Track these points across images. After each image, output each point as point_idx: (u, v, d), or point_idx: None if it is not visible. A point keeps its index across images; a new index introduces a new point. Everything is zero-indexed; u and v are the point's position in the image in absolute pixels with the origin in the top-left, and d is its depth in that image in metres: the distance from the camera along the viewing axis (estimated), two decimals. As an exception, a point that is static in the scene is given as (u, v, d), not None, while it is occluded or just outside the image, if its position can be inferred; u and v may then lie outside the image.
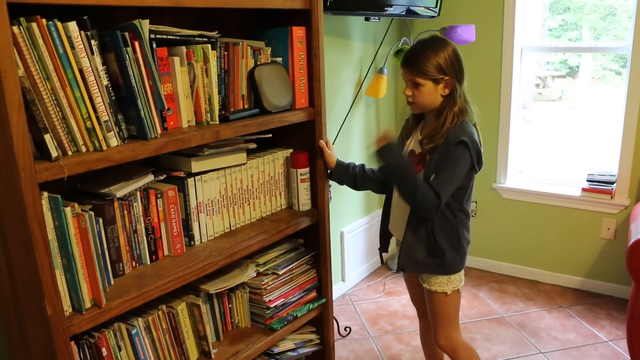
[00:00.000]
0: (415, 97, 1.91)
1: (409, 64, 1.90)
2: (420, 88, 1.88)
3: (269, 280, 2.06)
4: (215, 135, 1.72)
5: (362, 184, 2.15)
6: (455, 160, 1.85)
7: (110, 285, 1.58)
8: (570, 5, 4.29)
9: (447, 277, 2.01)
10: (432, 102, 1.90)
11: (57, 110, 1.36)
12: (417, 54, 1.89)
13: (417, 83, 1.88)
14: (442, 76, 1.86)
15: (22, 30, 1.27)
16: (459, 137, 1.84)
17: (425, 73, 1.86)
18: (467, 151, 1.84)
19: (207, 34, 1.76)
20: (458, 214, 1.96)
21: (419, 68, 1.87)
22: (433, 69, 1.85)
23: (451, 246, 1.97)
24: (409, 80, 1.91)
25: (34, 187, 1.29)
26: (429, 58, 1.86)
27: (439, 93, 1.89)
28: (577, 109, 5.96)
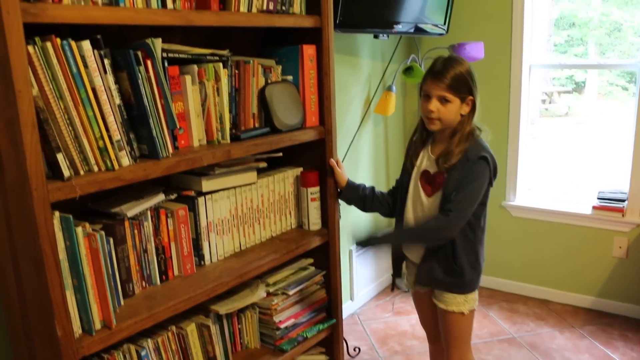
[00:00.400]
0: (441, 113, 1.87)
1: (440, 77, 1.85)
2: (448, 105, 1.86)
3: (279, 300, 2.04)
4: (226, 154, 1.71)
5: (371, 206, 2.14)
6: (476, 176, 1.85)
7: (120, 306, 1.57)
8: (576, 21, 4.30)
9: (464, 296, 1.98)
10: (454, 119, 1.89)
11: (69, 130, 1.35)
12: (450, 71, 1.85)
13: (446, 99, 1.85)
14: (468, 95, 1.87)
15: (37, 50, 1.27)
16: (479, 153, 1.84)
17: (456, 90, 1.85)
18: (488, 166, 1.85)
19: (218, 53, 1.76)
20: (477, 231, 1.95)
21: (452, 84, 1.84)
22: (464, 87, 1.86)
23: (470, 265, 1.95)
24: (437, 96, 1.86)
25: (46, 206, 1.28)
26: (463, 76, 1.85)
27: (459, 112, 1.89)
28: (584, 124, 5.95)
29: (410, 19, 2.98)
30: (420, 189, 1.98)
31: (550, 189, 3.68)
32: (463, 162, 1.85)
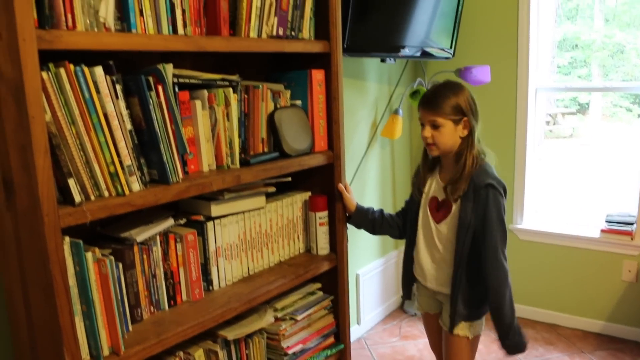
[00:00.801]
0: (436, 138, 1.89)
1: (429, 104, 1.89)
2: (441, 129, 1.87)
3: (287, 325, 2.02)
4: (236, 179, 1.71)
5: (381, 229, 2.14)
6: (493, 206, 1.84)
7: (128, 332, 1.55)
8: (579, 43, 4.32)
9: (469, 322, 1.97)
10: (452, 143, 1.89)
11: (81, 155, 1.35)
12: (436, 96, 1.89)
13: (436, 124, 1.87)
14: (461, 117, 1.86)
15: (51, 76, 1.28)
16: (485, 181, 1.83)
17: (445, 113, 1.86)
18: (497, 191, 1.84)
19: (228, 78, 1.77)
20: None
21: (439, 108, 1.86)
22: (453, 110, 1.86)
23: (484, 294, 1.93)
24: (428, 122, 1.89)
25: (57, 232, 1.28)
26: (449, 98, 1.86)
27: (457, 134, 1.88)
28: (589, 145, 5.94)
29: (417, 43, 3.00)
30: (430, 215, 1.98)
31: (558, 212, 3.66)
32: (472, 190, 1.85)
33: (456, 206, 1.90)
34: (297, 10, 1.90)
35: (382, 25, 2.74)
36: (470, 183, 1.85)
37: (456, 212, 1.90)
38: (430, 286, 2.03)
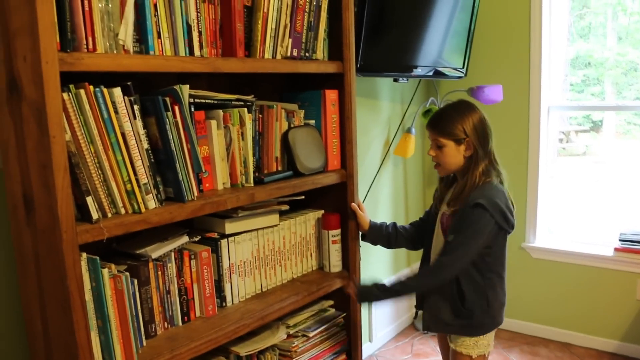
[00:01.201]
0: (439, 158, 1.95)
1: (432, 124, 1.96)
2: (443, 149, 1.92)
3: (299, 342, 2.03)
4: (250, 197, 1.74)
5: (396, 243, 2.17)
6: (470, 223, 1.86)
7: (142, 347, 1.58)
8: (592, 61, 4.32)
9: (474, 339, 1.97)
10: (456, 163, 1.93)
11: (99, 173, 1.39)
12: (442, 116, 1.95)
13: (439, 144, 1.92)
14: (463, 137, 1.89)
15: (71, 97, 1.32)
16: (476, 200, 1.85)
17: (446, 133, 1.90)
18: (486, 213, 1.84)
19: (243, 98, 1.80)
20: (487, 274, 1.94)
21: (441, 128, 1.91)
22: (454, 130, 1.89)
23: (480, 308, 1.94)
24: (433, 141, 1.95)
25: (75, 248, 1.31)
26: (453, 119, 1.90)
27: (461, 154, 1.91)
28: (603, 163, 5.90)
29: (429, 62, 3.03)
30: (440, 230, 2.02)
31: (571, 230, 3.65)
32: (464, 207, 1.88)
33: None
34: (311, 31, 1.94)
35: (395, 46, 2.78)
36: (466, 200, 1.88)
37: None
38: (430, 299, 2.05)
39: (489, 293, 1.94)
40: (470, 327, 1.96)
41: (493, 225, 1.86)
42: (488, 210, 1.84)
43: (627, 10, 4.07)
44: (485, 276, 1.93)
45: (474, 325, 1.95)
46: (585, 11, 4.18)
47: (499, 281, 1.98)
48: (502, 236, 1.93)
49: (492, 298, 1.95)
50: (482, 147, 1.90)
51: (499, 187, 1.91)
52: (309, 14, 1.92)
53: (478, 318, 1.94)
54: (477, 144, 1.89)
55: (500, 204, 1.86)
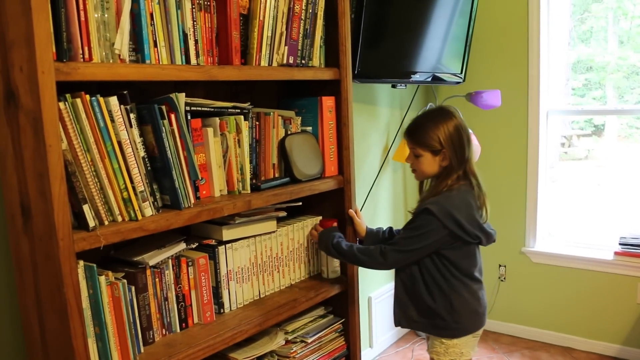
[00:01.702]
0: (415, 166, 1.99)
1: (409, 134, 1.99)
2: (420, 158, 1.95)
3: (297, 348, 2.04)
4: (247, 204, 1.75)
5: None
6: (415, 226, 1.90)
7: (140, 354, 1.58)
8: (593, 65, 4.33)
9: (444, 346, 1.97)
10: (432, 171, 1.96)
11: (95, 182, 1.40)
12: (418, 126, 1.97)
13: (416, 154, 1.95)
14: (439, 148, 1.91)
15: (68, 106, 1.33)
16: (426, 205, 1.87)
17: (423, 144, 1.92)
18: (434, 219, 1.85)
19: (240, 106, 1.82)
20: (451, 279, 1.93)
21: (418, 139, 1.94)
22: (431, 141, 1.91)
23: (445, 310, 1.93)
24: (411, 149, 1.98)
25: (72, 256, 1.32)
26: (428, 130, 1.92)
27: (437, 163, 1.94)
28: (604, 167, 5.91)
29: (428, 68, 3.04)
30: None
31: (571, 234, 3.65)
32: (417, 210, 1.94)
33: None
34: (307, 39, 1.95)
35: (393, 52, 2.79)
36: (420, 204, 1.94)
37: None
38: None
39: (452, 297, 1.93)
40: (437, 327, 1.96)
41: (443, 233, 1.86)
42: (437, 216, 1.84)
43: (628, 14, 4.08)
44: (449, 281, 1.93)
45: (440, 326, 1.95)
46: (587, 15, 4.19)
47: (465, 288, 1.95)
48: (462, 244, 1.92)
49: (457, 303, 1.93)
50: (457, 157, 1.91)
51: (462, 197, 1.90)
52: (305, 21, 1.93)
53: (444, 319, 1.94)
54: (452, 155, 1.91)
55: (454, 212, 1.85)
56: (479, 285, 2.00)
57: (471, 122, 3.38)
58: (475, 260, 1.98)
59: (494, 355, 3.34)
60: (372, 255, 1.94)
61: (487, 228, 1.96)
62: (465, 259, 1.94)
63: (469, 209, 1.89)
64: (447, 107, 2.02)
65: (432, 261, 1.92)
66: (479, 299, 1.99)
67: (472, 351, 2.01)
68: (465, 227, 1.87)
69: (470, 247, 1.95)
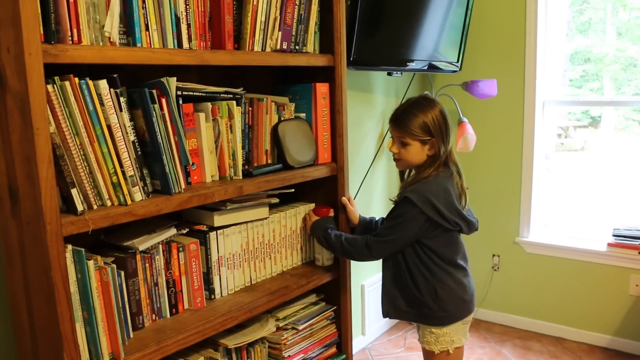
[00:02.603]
0: (402, 155, 1.96)
1: (397, 123, 1.95)
2: (408, 147, 1.93)
3: (288, 335, 2.04)
4: (238, 190, 1.74)
5: None
6: (396, 215, 1.91)
7: (129, 339, 1.58)
8: (591, 57, 4.31)
9: (434, 335, 1.98)
10: (418, 160, 1.95)
11: (84, 165, 1.39)
12: (405, 114, 1.93)
13: (404, 142, 1.93)
14: (428, 137, 1.90)
15: (56, 89, 1.31)
16: (404, 193, 1.88)
17: (412, 134, 1.90)
18: (413, 207, 1.85)
19: (232, 91, 1.80)
20: (433, 268, 1.93)
21: (407, 128, 1.91)
22: (420, 130, 1.89)
23: (431, 298, 1.94)
24: (397, 138, 1.95)
25: (59, 240, 1.31)
26: (418, 118, 1.90)
27: (424, 152, 1.93)
28: (600, 159, 5.91)
29: (424, 56, 3.02)
30: None
31: (566, 225, 3.65)
32: (397, 199, 1.94)
33: None
34: (301, 24, 1.93)
35: (389, 39, 2.77)
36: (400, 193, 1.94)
37: None
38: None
39: (436, 286, 1.93)
40: (425, 317, 1.97)
41: (423, 220, 1.86)
42: (416, 204, 1.85)
43: (626, 5, 4.06)
44: (432, 270, 1.93)
45: (428, 315, 1.96)
46: (585, 6, 4.17)
47: (449, 276, 1.95)
48: (442, 232, 1.92)
49: (442, 291, 1.93)
50: (443, 145, 1.92)
51: (441, 184, 1.90)
52: (299, 6, 1.91)
53: (431, 308, 1.94)
54: (439, 143, 1.91)
55: (433, 199, 1.86)
56: (464, 272, 1.99)
57: (467, 111, 3.38)
58: (458, 248, 1.98)
59: (485, 345, 3.35)
60: (358, 247, 1.94)
61: (468, 216, 1.96)
62: (447, 247, 1.94)
63: (448, 195, 1.89)
64: (428, 94, 2.01)
65: (415, 251, 1.93)
66: (464, 286, 1.98)
67: (463, 338, 2.01)
68: (445, 214, 1.87)
69: (452, 234, 1.95)
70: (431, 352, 2.00)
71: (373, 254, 1.94)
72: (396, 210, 1.92)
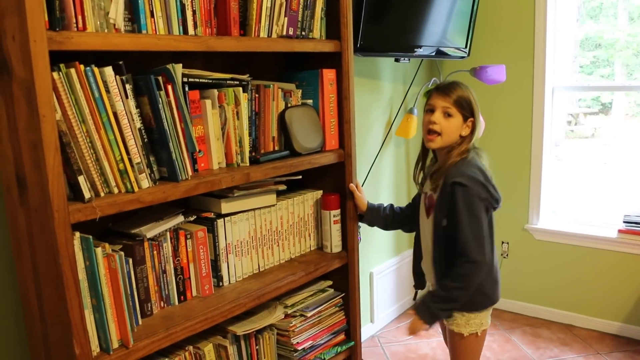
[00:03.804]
0: (443, 127, 1.88)
1: (445, 91, 1.89)
2: (451, 119, 1.88)
3: (297, 322, 2.04)
4: (245, 177, 1.74)
5: (392, 225, 2.18)
6: (463, 203, 1.82)
7: (138, 325, 1.59)
8: (602, 42, 4.26)
9: (465, 317, 1.96)
10: (454, 138, 1.91)
11: (91, 153, 1.39)
12: (454, 87, 1.90)
13: (450, 113, 1.88)
14: (470, 116, 1.89)
15: (62, 76, 1.31)
16: (452, 179, 1.83)
17: (459, 105, 1.88)
18: (469, 191, 1.82)
19: (238, 77, 1.79)
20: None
21: (456, 98, 1.88)
22: (466, 105, 1.88)
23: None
24: (442, 108, 1.88)
25: (67, 227, 1.31)
26: (464, 92, 1.89)
27: (461, 131, 1.91)
28: (611, 146, 5.87)
29: (432, 42, 3.00)
30: (423, 212, 2.03)
31: (576, 212, 3.63)
32: (444, 185, 1.87)
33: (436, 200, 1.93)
34: (308, 10, 1.92)
35: (397, 25, 2.75)
36: (444, 177, 1.87)
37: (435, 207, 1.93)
38: (428, 282, 2.07)
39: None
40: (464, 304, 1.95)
41: (479, 200, 1.84)
42: (468, 186, 1.82)
43: (639, -10, 4.00)
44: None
45: (467, 302, 1.94)
46: (596, -9, 4.11)
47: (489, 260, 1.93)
48: (490, 213, 1.92)
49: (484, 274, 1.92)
50: (475, 130, 1.92)
51: (474, 162, 1.89)
52: (306, -8, 1.90)
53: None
54: (473, 127, 1.91)
55: (478, 177, 1.84)
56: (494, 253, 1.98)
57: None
58: (494, 229, 1.96)
59: (495, 332, 3.34)
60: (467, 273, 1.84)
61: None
62: (492, 227, 1.93)
63: (488, 175, 1.89)
64: (437, 81, 2.00)
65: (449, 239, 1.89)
66: (497, 268, 1.99)
67: (489, 321, 2.02)
68: (490, 190, 1.87)
69: (492, 215, 1.93)
70: (460, 334, 1.98)
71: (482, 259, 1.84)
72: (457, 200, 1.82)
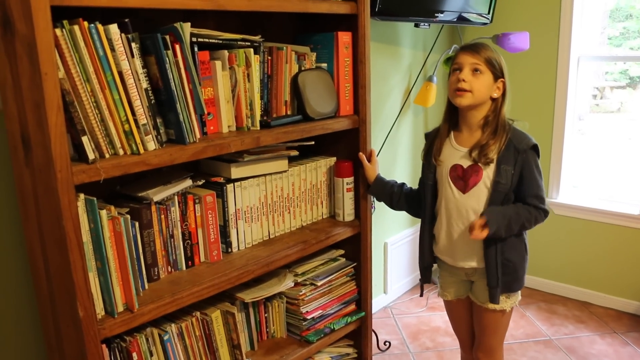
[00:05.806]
0: (472, 84, 1.79)
1: (473, 49, 1.83)
2: (480, 76, 1.80)
3: (307, 290, 2.02)
4: (255, 141, 1.69)
5: (398, 204, 2.09)
6: (536, 166, 1.84)
7: (144, 290, 1.57)
8: (633, 13, 4.11)
9: (506, 293, 1.92)
10: (485, 96, 1.82)
11: (95, 113, 1.35)
12: (485, 46, 1.84)
13: (479, 69, 1.80)
14: (500, 75, 1.83)
15: (65, 33, 1.27)
16: (530, 142, 1.81)
17: (489, 62, 1.81)
18: (538, 153, 1.85)
19: (249, 38, 1.74)
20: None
21: (485, 55, 1.81)
22: (496, 63, 1.82)
23: (521, 257, 1.91)
24: (470, 65, 1.80)
25: (70, 188, 1.29)
26: (494, 53, 1.83)
27: (491, 91, 1.82)
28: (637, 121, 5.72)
29: (454, 7, 2.90)
30: (451, 185, 1.89)
31: (597, 188, 3.54)
32: (513, 153, 1.79)
33: (488, 171, 1.82)
34: (324, -31, 1.85)
35: (417, -11, 2.66)
36: (509, 146, 1.80)
37: (489, 178, 1.82)
38: (461, 264, 1.93)
39: (525, 240, 1.94)
40: (512, 283, 1.91)
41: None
42: (538, 150, 1.85)
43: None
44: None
45: (517, 279, 1.92)
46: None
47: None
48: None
49: (526, 244, 1.94)
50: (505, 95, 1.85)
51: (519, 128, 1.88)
52: (322, -50, 1.82)
53: (519, 272, 1.91)
54: (505, 89, 1.84)
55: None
56: None
57: (497, 66, 3.25)
58: None
59: (509, 305, 3.30)
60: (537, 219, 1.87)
61: None
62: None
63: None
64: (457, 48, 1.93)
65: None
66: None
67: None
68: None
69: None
70: (501, 311, 1.94)
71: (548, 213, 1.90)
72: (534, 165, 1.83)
